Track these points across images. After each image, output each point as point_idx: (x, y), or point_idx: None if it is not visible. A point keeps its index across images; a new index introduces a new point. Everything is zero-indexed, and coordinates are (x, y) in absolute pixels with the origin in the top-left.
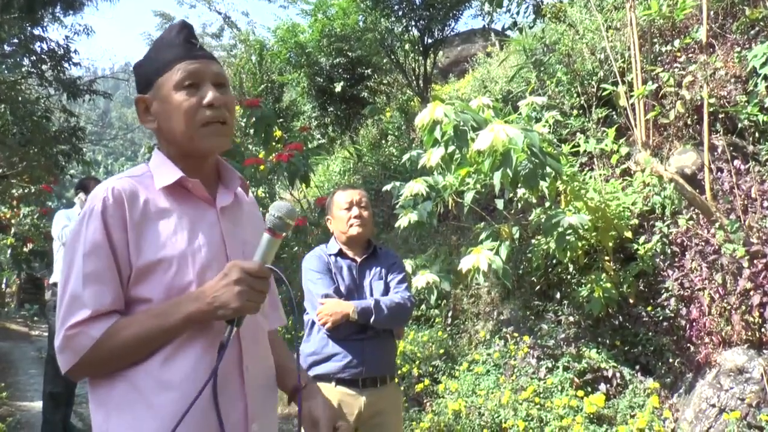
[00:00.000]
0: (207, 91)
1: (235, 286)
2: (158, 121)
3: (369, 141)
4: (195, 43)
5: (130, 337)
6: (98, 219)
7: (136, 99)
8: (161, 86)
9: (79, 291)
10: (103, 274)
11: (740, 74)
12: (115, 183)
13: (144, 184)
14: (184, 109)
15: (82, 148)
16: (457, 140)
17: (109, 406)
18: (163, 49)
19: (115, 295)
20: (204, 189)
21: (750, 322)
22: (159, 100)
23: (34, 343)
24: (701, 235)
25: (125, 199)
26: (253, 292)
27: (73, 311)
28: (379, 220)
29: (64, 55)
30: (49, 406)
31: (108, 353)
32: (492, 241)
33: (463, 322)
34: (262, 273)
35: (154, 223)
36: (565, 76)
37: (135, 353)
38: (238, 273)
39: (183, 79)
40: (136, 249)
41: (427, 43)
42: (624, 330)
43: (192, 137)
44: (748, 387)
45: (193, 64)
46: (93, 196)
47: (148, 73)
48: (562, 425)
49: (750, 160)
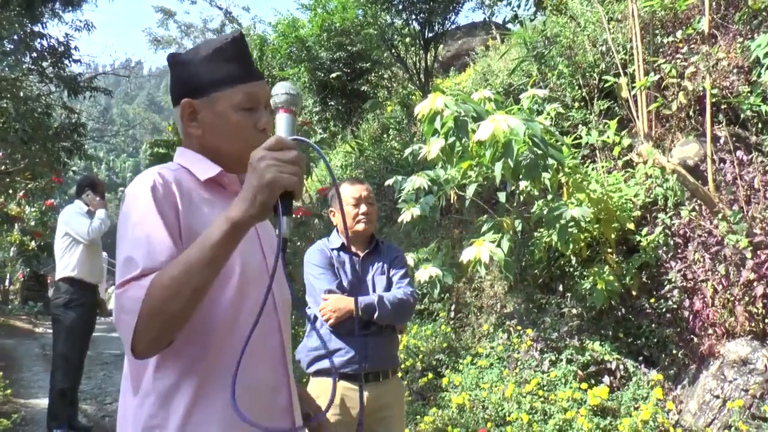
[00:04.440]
0: (261, 116)
1: (260, 164)
2: (204, 131)
3: (370, 135)
4: (252, 61)
5: (177, 268)
6: (148, 196)
7: (185, 103)
8: (218, 100)
9: (130, 254)
10: (153, 237)
11: (743, 65)
12: (161, 170)
13: (184, 177)
14: (242, 132)
15: (84, 144)
16: (458, 131)
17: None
18: (221, 60)
19: (169, 255)
20: (239, 185)
21: (753, 313)
22: (212, 113)
23: (38, 340)
24: (704, 226)
25: (173, 183)
26: (282, 164)
27: (125, 273)
28: (382, 215)
29: (65, 52)
30: (59, 403)
31: (161, 297)
32: (494, 233)
33: (466, 315)
34: (285, 143)
35: (200, 209)
36: (567, 68)
37: (188, 287)
38: (259, 152)
39: (244, 102)
40: (184, 234)
41: (427, 36)
42: (627, 322)
43: (242, 157)
44: (751, 378)
45: (254, 87)
46: (140, 182)
47: (201, 80)
48: (566, 418)
49: (753, 151)
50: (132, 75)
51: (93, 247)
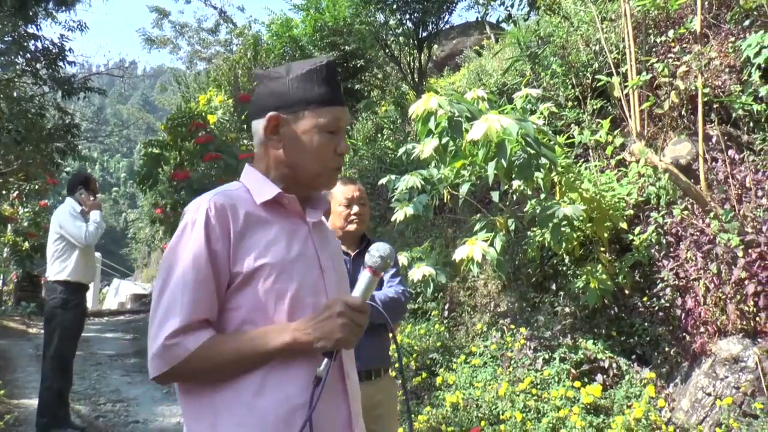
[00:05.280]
0: (341, 140)
1: (339, 319)
2: (285, 146)
3: (364, 134)
4: (341, 87)
5: (225, 354)
6: (201, 230)
7: (272, 116)
8: (305, 119)
9: (178, 299)
10: (200, 284)
11: (734, 64)
12: (216, 197)
13: (242, 198)
14: (322, 152)
15: (78, 145)
16: (452, 131)
17: (214, 411)
18: (314, 81)
19: (210, 304)
20: (299, 205)
21: (745, 311)
22: (297, 130)
23: (32, 341)
24: (696, 225)
25: (228, 210)
26: (354, 326)
27: (169, 318)
28: (375, 214)
29: (59, 54)
30: (56, 403)
31: (202, 366)
32: (487, 232)
33: (460, 314)
34: (365, 308)
35: (255, 232)
36: (560, 68)
37: (226, 371)
38: (342, 306)
39: (329, 125)
40: (237, 256)
41: (421, 36)
42: (620, 320)
43: (320, 177)
44: (743, 376)
45: (340, 112)
46: (194, 209)
47: (293, 97)
48: (559, 416)
49: (744, 150)
50: (126, 75)
51: (87, 249)
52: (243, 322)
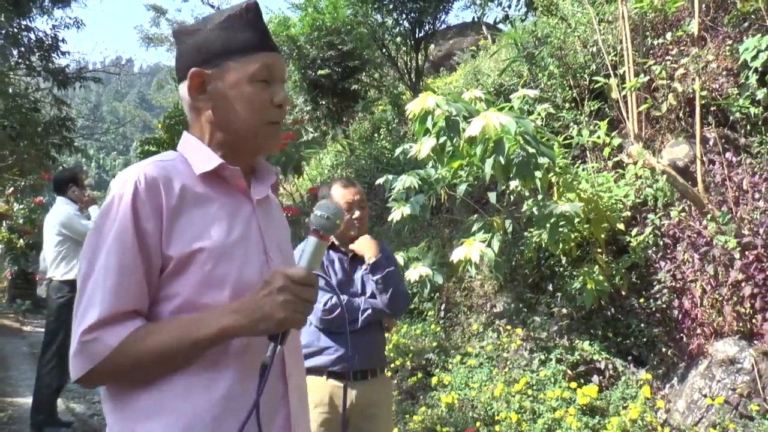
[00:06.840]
0: (278, 90)
1: (279, 295)
2: (215, 105)
3: (361, 134)
4: (268, 31)
5: (154, 346)
6: (128, 206)
7: (194, 72)
8: (231, 71)
9: (100, 287)
10: (125, 268)
11: (732, 67)
12: (147, 168)
13: (177, 169)
14: (256, 104)
15: (73, 138)
16: (449, 130)
17: (134, 416)
18: (235, 28)
19: (138, 292)
20: (242, 178)
21: (741, 313)
22: (225, 84)
23: (26, 339)
24: (693, 226)
25: (161, 184)
26: (299, 302)
27: (88, 310)
28: (372, 213)
29: (52, 45)
30: (53, 402)
31: (127, 363)
32: (484, 233)
33: (456, 315)
34: (310, 280)
35: (191, 210)
36: (557, 69)
37: (158, 365)
38: (283, 280)
39: (260, 73)
40: (171, 238)
41: (418, 36)
42: (616, 322)
43: (257, 134)
44: (739, 377)
45: (272, 58)
46: (121, 181)
47: (213, 48)
48: (555, 417)
49: (742, 152)
50: (123, 72)
51: None
52: (179, 314)
